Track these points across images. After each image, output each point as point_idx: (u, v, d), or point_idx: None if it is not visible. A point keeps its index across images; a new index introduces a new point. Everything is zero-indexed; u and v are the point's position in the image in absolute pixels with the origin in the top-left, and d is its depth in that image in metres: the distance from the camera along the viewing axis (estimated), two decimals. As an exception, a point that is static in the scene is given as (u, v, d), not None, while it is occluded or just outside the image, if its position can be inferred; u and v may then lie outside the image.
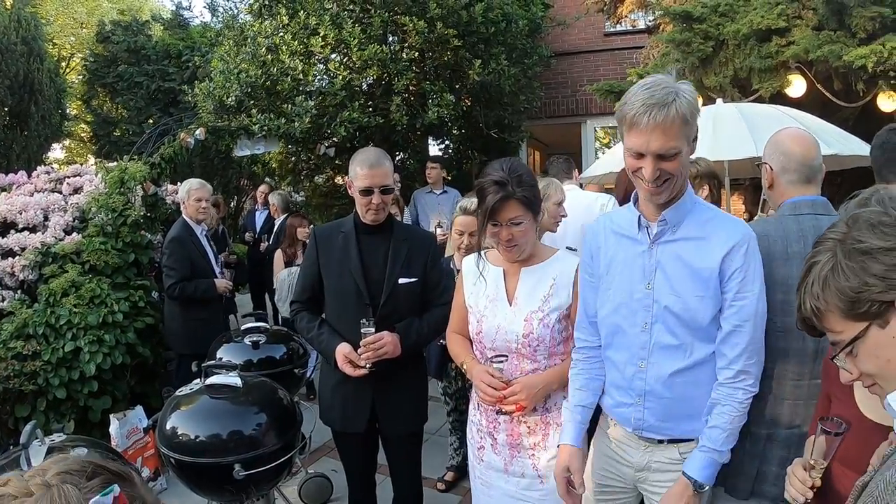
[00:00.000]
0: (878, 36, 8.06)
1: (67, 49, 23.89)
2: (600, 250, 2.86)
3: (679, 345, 2.62)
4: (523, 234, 3.02)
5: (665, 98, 2.38)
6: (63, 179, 8.23)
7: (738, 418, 2.59)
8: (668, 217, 2.61)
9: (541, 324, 3.06)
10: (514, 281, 3.18)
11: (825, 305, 1.57)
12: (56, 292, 6.49)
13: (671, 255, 2.63)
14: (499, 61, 10.12)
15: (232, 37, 10.24)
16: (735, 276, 2.53)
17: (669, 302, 2.61)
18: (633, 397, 2.74)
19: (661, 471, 2.76)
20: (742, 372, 2.57)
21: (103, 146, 18.01)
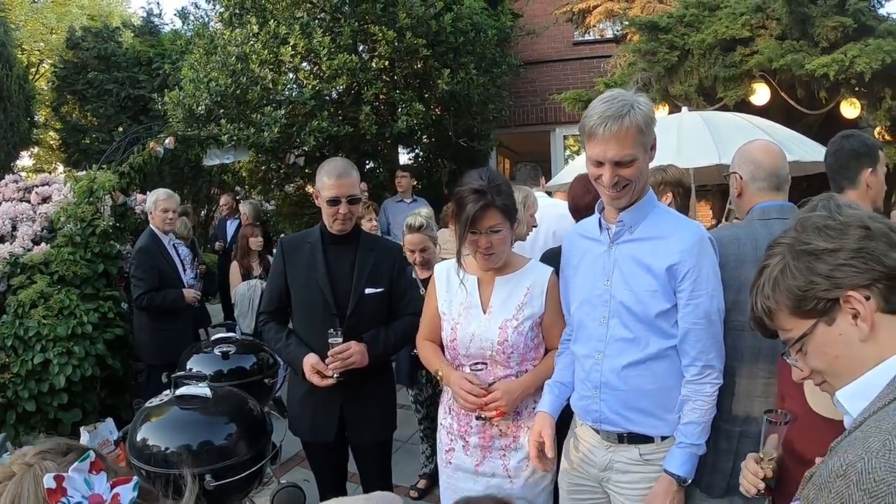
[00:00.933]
0: (840, 45, 8.26)
1: (37, 55, 23.64)
2: (571, 254, 3.06)
3: (633, 338, 2.78)
4: (501, 243, 3.12)
5: (620, 110, 2.58)
6: (32, 189, 8.16)
7: (708, 411, 2.74)
8: (625, 219, 2.79)
9: (515, 332, 3.16)
10: (489, 289, 3.27)
11: (775, 305, 1.63)
12: (25, 303, 6.44)
13: (628, 253, 2.80)
14: (468, 71, 10.21)
15: (202, 45, 10.19)
16: (688, 276, 2.69)
17: (624, 297, 2.78)
18: (591, 389, 2.89)
19: (622, 471, 2.87)
20: (706, 367, 2.73)
21: (72, 154, 17.80)
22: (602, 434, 2.91)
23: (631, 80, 9.69)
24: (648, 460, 2.82)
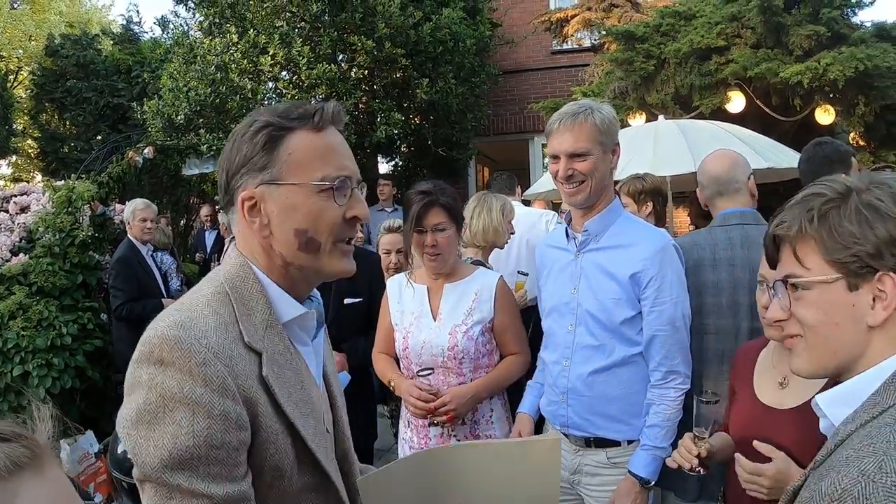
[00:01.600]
0: (814, 53, 8.37)
1: (15, 62, 23.45)
2: (542, 264, 3.15)
3: (599, 345, 2.86)
4: (447, 242, 3.21)
5: (577, 110, 2.75)
6: (10, 198, 8.12)
7: (673, 415, 2.82)
8: (590, 227, 2.87)
9: (465, 336, 3.23)
10: (438, 297, 3.35)
11: (812, 234, 1.46)
12: (3, 315, 6.42)
13: (594, 262, 2.88)
14: (447, 80, 10.25)
15: (182, 54, 10.18)
16: (652, 283, 2.77)
17: (590, 305, 2.85)
18: (558, 395, 2.97)
19: (591, 474, 2.96)
20: (670, 372, 2.82)
21: (51, 163, 17.67)
22: (570, 438, 2.99)
23: (608, 89, 9.78)
24: (616, 463, 2.90)
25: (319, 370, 1.76)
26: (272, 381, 1.48)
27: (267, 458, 1.48)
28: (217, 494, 1.37)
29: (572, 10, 12.54)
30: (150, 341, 1.41)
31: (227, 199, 1.62)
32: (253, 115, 1.63)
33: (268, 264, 1.61)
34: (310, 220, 1.56)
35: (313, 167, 1.56)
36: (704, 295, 3.00)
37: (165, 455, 1.34)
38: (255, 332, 1.52)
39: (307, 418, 1.56)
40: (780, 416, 2.29)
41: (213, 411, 1.36)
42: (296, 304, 1.62)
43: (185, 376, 1.36)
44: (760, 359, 2.51)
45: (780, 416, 2.29)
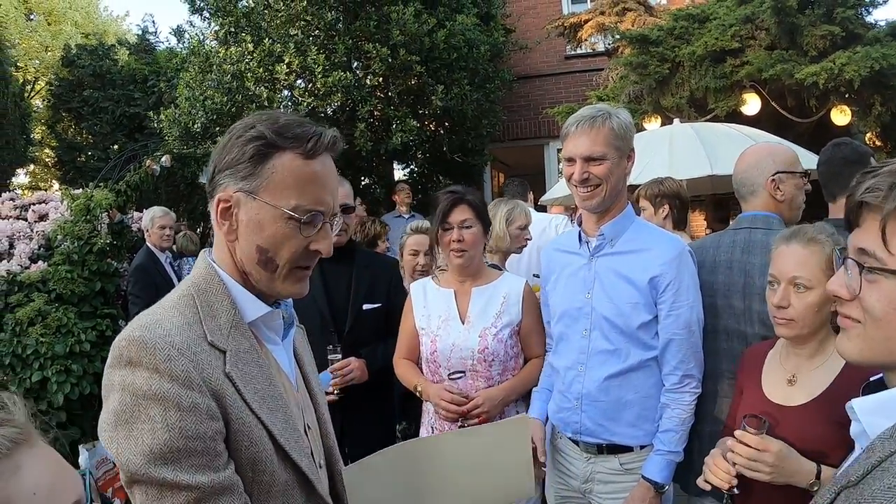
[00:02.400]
0: (829, 53, 8.33)
1: (32, 73, 23.64)
2: (550, 269, 3.13)
3: (614, 350, 2.85)
4: (473, 239, 3.24)
5: (595, 114, 2.75)
6: (28, 206, 8.19)
7: (687, 419, 2.82)
8: (605, 231, 2.86)
9: (495, 339, 3.24)
10: (466, 300, 3.36)
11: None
12: (22, 321, 6.46)
13: (609, 266, 2.87)
14: (461, 86, 10.26)
15: (198, 63, 10.25)
16: (669, 288, 2.77)
17: (606, 309, 2.84)
18: (572, 401, 2.94)
19: (603, 482, 2.94)
20: (686, 376, 2.82)
21: (68, 172, 17.82)
22: (581, 445, 2.97)
23: (623, 93, 9.76)
24: (629, 469, 2.89)
25: (292, 368, 1.80)
26: (236, 378, 1.53)
27: (242, 451, 1.52)
28: (204, 484, 1.43)
29: (585, 15, 12.52)
30: (119, 344, 1.48)
31: (209, 191, 1.67)
32: (256, 118, 1.66)
33: (232, 266, 1.66)
34: (272, 242, 1.60)
35: (289, 193, 1.59)
36: (703, 296, 2.98)
37: (147, 451, 1.40)
38: (220, 331, 1.58)
39: (275, 413, 1.59)
40: (789, 413, 2.31)
41: (183, 404, 1.42)
42: (260, 304, 1.66)
43: (152, 374, 1.42)
44: (768, 358, 2.53)
45: (789, 412, 2.31)
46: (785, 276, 2.34)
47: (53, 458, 1.11)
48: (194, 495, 1.43)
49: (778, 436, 2.21)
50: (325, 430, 1.88)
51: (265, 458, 1.55)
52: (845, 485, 1.22)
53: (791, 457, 2.15)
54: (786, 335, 2.38)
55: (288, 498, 1.61)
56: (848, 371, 2.19)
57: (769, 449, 2.14)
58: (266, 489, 1.56)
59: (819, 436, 2.16)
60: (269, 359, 1.69)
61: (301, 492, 1.64)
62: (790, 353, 2.44)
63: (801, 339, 2.36)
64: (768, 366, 2.51)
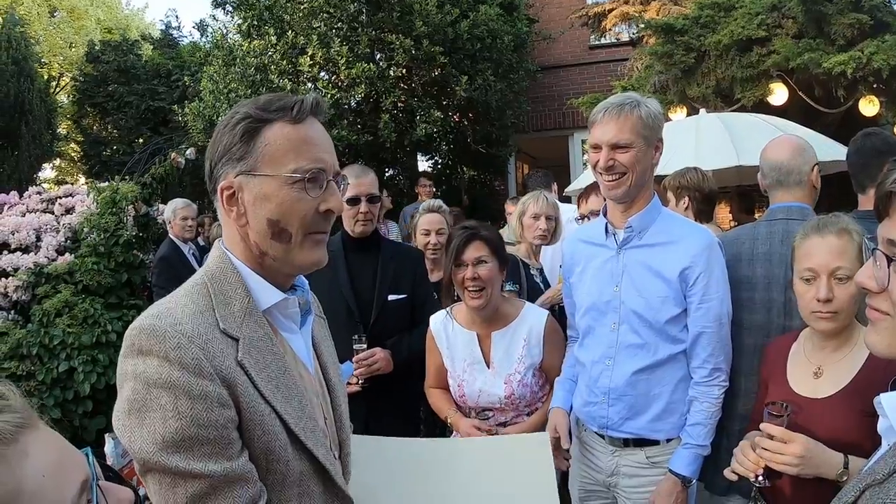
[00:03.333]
0: (857, 42, 8.18)
1: (56, 69, 23.86)
2: (573, 261, 3.07)
3: (643, 344, 2.80)
4: (489, 275, 3.15)
5: (623, 102, 2.70)
6: (55, 200, 8.27)
7: (715, 413, 2.78)
8: (633, 223, 2.80)
9: (519, 384, 3.22)
10: (488, 344, 3.31)
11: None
12: (49, 312, 6.54)
13: (637, 259, 2.81)
14: (485, 77, 10.23)
15: (221, 56, 10.30)
16: (699, 280, 2.71)
17: (635, 303, 2.79)
18: (599, 395, 2.90)
19: (629, 476, 2.90)
20: (715, 370, 2.77)
21: (94, 166, 17.96)
22: (607, 439, 2.93)
23: (648, 83, 9.68)
24: (655, 463, 2.85)
25: (310, 357, 1.79)
26: (249, 366, 1.53)
27: (255, 441, 1.52)
28: (216, 472, 1.43)
29: (610, 4, 12.43)
30: (131, 334, 1.48)
31: (211, 188, 1.67)
32: (237, 106, 1.68)
33: (246, 253, 1.66)
34: (281, 212, 1.59)
35: (286, 159, 1.59)
36: (739, 290, 2.93)
37: (158, 439, 1.40)
38: (233, 319, 1.57)
39: (289, 402, 1.59)
40: (816, 406, 2.28)
41: (193, 392, 1.42)
42: (275, 291, 1.66)
43: (162, 362, 1.42)
44: (793, 351, 2.50)
45: (816, 405, 2.28)
46: (826, 269, 2.28)
47: (56, 439, 1.14)
48: (206, 483, 1.43)
49: (807, 429, 2.18)
50: (340, 422, 1.86)
51: (278, 448, 1.54)
52: (871, 483, 1.19)
53: (817, 448, 2.12)
54: (828, 329, 2.32)
55: (304, 487, 1.60)
56: (873, 360, 2.15)
57: (794, 439, 2.12)
58: (281, 479, 1.55)
59: (849, 426, 2.14)
60: (285, 347, 1.68)
61: (317, 481, 1.63)
62: (816, 346, 2.41)
63: (835, 331, 2.32)
64: (793, 359, 2.47)
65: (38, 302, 6.80)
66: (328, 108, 1.70)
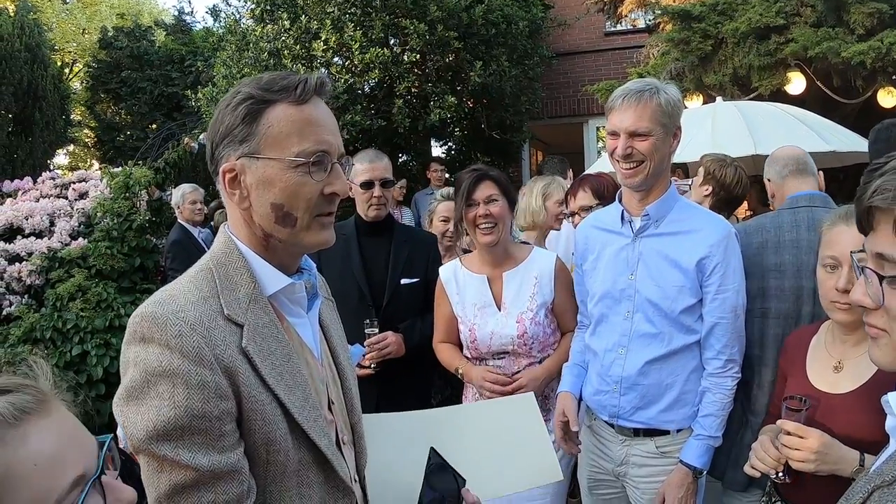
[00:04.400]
0: (877, 32, 8.09)
1: (69, 55, 23.94)
2: (587, 248, 3.04)
3: (657, 333, 2.78)
4: (500, 212, 3.20)
5: (643, 88, 2.66)
6: (68, 185, 8.29)
7: (727, 404, 2.77)
8: (650, 211, 2.77)
9: (532, 322, 3.23)
10: (499, 285, 3.33)
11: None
12: (63, 296, 6.56)
13: (654, 248, 2.79)
14: (500, 63, 10.19)
15: (234, 41, 10.30)
16: (716, 270, 2.70)
17: (650, 292, 2.77)
18: (611, 384, 2.88)
19: (639, 465, 2.89)
20: (729, 361, 2.76)
21: (107, 151, 18.04)
22: (617, 428, 2.92)
23: (664, 70, 9.60)
24: (665, 453, 2.84)
25: (317, 342, 1.76)
26: (253, 353, 1.51)
27: (256, 430, 1.50)
28: (202, 465, 1.41)
29: (626, -9, 12.34)
30: (134, 321, 1.47)
31: (213, 169, 1.64)
32: (238, 86, 1.64)
33: (250, 237, 1.63)
34: (285, 196, 1.56)
35: (290, 142, 1.56)
36: (767, 278, 2.91)
37: (150, 427, 1.39)
38: (238, 305, 1.55)
39: (293, 390, 1.56)
40: (836, 401, 2.25)
41: (191, 381, 1.40)
42: (280, 276, 1.64)
43: (163, 350, 1.41)
44: (813, 344, 2.46)
45: (836, 400, 2.25)
46: (849, 259, 2.21)
47: (67, 429, 1.14)
48: (192, 476, 1.41)
49: (824, 425, 2.16)
50: (350, 406, 1.84)
51: (279, 438, 1.52)
52: (879, 484, 1.18)
53: (834, 445, 2.09)
54: (845, 320, 2.27)
55: (303, 478, 1.58)
56: None
57: (811, 436, 2.09)
58: (281, 469, 1.54)
59: (868, 424, 2.08)
60: (291, 333, 1.66)
61: (318, 472, 1.61)
62: (837, 338, 2.37)
63: (855, 323, 2.25)
64: (813, 352, 2.44)
65: (52, 286, 6.83)
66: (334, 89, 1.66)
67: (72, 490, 1.09)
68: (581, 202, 4.17)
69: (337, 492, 1.65)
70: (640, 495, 2.90)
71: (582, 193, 4.19)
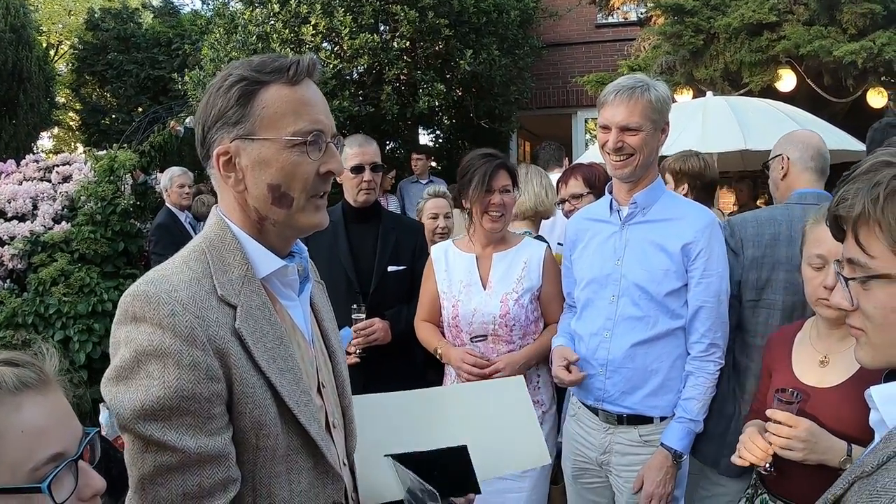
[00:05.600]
0: (869, 32, 8.17)
1: (55, 37, 23.68)
2: (576, 238, 3.15)
3: (643, 316, 2.87)
4: (511, 202, 3.32)
5: (634, 84, 2.79)
6: (52, 168, 8.18)
7: (710, 389, 2.85)
8: (638, 200, 2.90)
9: (516, 304, 3.26)
10: (487, 265, 3.38)
11: (879, 216, 1.25)
12: (45, 281, 6.50)
13: (641, 234, 2.90)
14: (490, 51, 10.19)
15: (222, 24, 10.26)
16: (701, 255, 2.80)
17: (637, 276, 2.87)
18: (596, 367, 2.95)
19: (621, 453, 2.94)
20: (712, 345, 2.84)
21: (92, 134, 17.89)
22: (602, 415, 2.98)
23: (655, 64, 9.60)
24: (648, 441, 2.89)
25: (308, 324, 1.76)
26: (246, 335, 1.50)
27: (247, 414, 1.49)
28: (189, 448, 1.40)
29: (618, -17, 12.33)
30: (125, 300, 1.47)
31: (204, 153, 1.63)
32: (229, 68, 1.64)
33: (244, 219, 1.63)
34: (282, 176, 1.57)
35: (286, 122, 1.56)
36: (777, 270, 2.97)
37: (138, 406, 1.39)
38: (231, 286, 1.55)
39: (285, 374, 1.56)
40: (822, 395, 2.27)
41: (183, 361, 1.40)
42: (274, 258, 1.63)
43: (155, 329, 1.41)
44: (798, 339, 2.49)
45: (822, 394, 2.27)
46: (836, 256, 2.22)
47: (59, 410, 1.20)
48: (177, 458, 1.40)
49: (813, 418, 2.17)
50: (342, 389, 1.84)
51: (269, 422, 1.51)
52: (860, 475, 1.21)
53: (822, 434, 2.12)
54: (834, 317, 2.29)
55: (292, 463, 1.57)
56: None
57: (800, 425, 2.12)
58: (270, 454, 1.53)
59: (854, 417, 2.09)
60: (284, 315, 1.65)
61: (307, 457, 1.60)
62: (823, 333, 2.39)
63: (842, 319, 2.25)
64: (798, 347, 2.46)
65: (34, 270, 6.75)
66: (325, 73, 1.65)
67: (48, 463, 1.13)
68: (572, 190, 4.23)
69: (326, 477, 1.65)
70: (623, 483, 2.95)
71: (574, 181, 4.25)
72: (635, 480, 2.86)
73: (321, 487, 1.64)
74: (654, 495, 2.79)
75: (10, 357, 1.19)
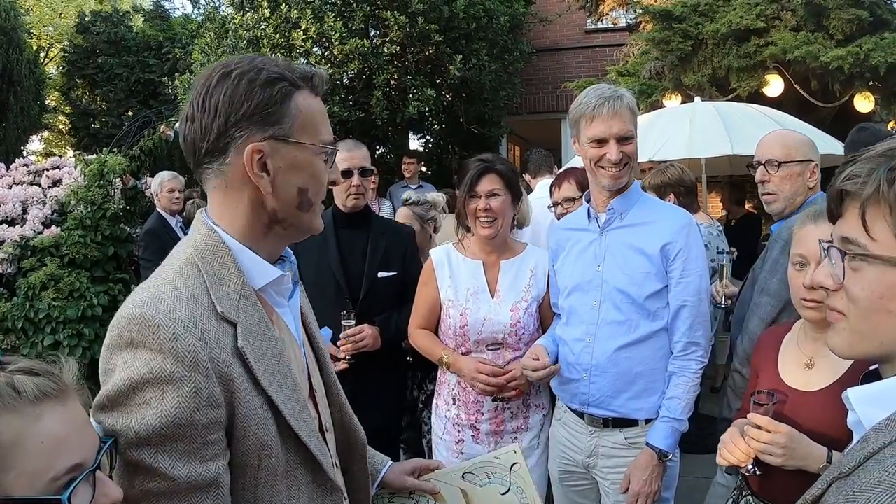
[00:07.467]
0: (856, 38, 8.22)
1: (46, 40, 23.58)
2: (559, 247, 3.16)
3: (625, 320, 2.88)
4: (501, 207, 3.17)
5: (614, 93, 2.81)
6: (42, 172, 8.15)
7: (693, 388, 2.88)
8: (615, 205, 2.92)
9: (526, 313, 3.23)
10: (495, 273, 3.31)
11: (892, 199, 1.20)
12: (35, 286, 6.48)
13: (620, 239, 2.92)
14: (480, 57, 10.22)
15: (213, 29, 10.24)
16: (679, 256, 2.83)
17: (617, 280, 2.88)
18: (580, 372, 2.96)
19: (607, 456, 2.96)
20: (692, 343, 2.87)
21: (82, 138, 17.86)
22: (587, 419, 2.98)
23: (643, 69, 9.65)
24: (633, 444, 2.91)
25: (298, 330, 1.74)
26: (248, 353, 1.46)
27: (249, 437, 1.44)
28: (180, 476, 1.34)
29: (608, -11, 12.36)
30: (119, 324, 1.39)
31: (219, 146, 1.51)
32: (253, 62, 1.54)
33: (246, 224, 1.56)
34: (310, 180, 1.57)
35: (318, 129, 1.58)
36: None
37: (132, 435, 1.33)
38: (229, 301, 1.48)
39: (285, 391, 1.52)
40: (807, 399, 2.27)
41: (183, 388, 1.33)
42: (270, 268, 1.59)
43: (155, 354, 1.33)
44: (786, 341, 2.49)
45: (807, 398, 2.27)
46: (816, 256, 2.23)
47: (77, 420, 1.22)
48: (166, 486, 1.35)
49: (794, 421, 2.18)
50: (333, 390, 1.83)
51: (271, 441, 1.48)
52: (837, 476, 1.19)
53: (802, 440, 2.13)
54: (814, 318, 2.30)
55: (291, 479, 1.54)
56: None
57: (779, 430, 2.12)
58: (272, 473, 1.49)
59: (837, 421, 2.07)
60: (281, 325, 1.63)
61: (306, 471, 1.58)
62: (810, 337, 2.39)
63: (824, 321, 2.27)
64: (785, 350, 2.47)
65: (24, 275, 6.73)
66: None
67: (67, 474, 1.14)
68: (565, 193, 4.23)
69: (324, 490, 1.63)
70: (609, 486, 2.96)
71: (567, 185, 4.24)
72: (622, 480, 2.87)
73: (320, 500, 1.62)
74: (641, 494, 2.80)
75: (29, 366, 1.19)
